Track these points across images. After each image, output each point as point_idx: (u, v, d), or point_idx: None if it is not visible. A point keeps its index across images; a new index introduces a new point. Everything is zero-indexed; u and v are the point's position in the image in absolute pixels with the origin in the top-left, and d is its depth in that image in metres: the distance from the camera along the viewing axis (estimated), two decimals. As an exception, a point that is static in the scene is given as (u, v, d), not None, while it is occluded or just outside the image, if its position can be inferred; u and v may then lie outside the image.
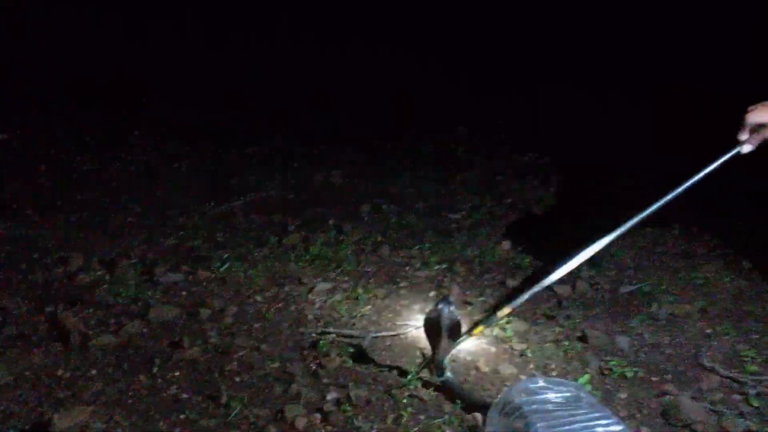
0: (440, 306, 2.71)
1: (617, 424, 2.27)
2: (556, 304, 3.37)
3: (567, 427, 2.26)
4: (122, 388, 2.70)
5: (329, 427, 2.51)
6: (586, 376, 2.78)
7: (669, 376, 2.84)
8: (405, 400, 2.63)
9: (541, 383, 2.47)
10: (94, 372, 2.79)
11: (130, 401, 2.64)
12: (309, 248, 3.78)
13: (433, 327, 2.73)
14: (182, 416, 2.56)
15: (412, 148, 5.36)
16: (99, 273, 3.49)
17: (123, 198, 4.47)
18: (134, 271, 3.52)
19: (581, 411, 2.34)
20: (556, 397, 2.41)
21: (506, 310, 2.86)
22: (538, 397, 2.41)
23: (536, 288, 2.86)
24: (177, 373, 2.80)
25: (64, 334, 3.00)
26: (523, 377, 2.79)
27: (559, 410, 2.35)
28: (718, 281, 3.55)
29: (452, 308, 2.71)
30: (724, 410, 2.62)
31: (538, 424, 2.25)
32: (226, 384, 2.72)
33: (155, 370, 2.81)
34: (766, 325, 3.17)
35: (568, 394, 2.43)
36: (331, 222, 4.12)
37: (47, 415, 2.53)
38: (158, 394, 2.68)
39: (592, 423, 2.27)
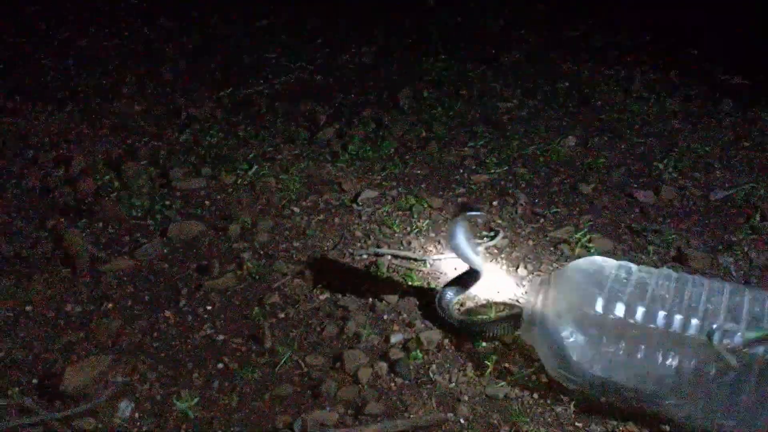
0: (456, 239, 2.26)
1: None
2: (640, 214, 2.89)
3: None
4: (145, 328, 2.27)
5: (398, 380, 2.09)
6: (698, 312, 2.33)
7: (790, 309, 2.40)
8: (485, 344, 2.20)
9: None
10: (109, 306, 2.35)
11: (155, 345, 2.21)
12: (347, 146, 3.26)
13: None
14: (220, 365, 2.13)
15: (447, 23, 4.68)
16: (106, 177, 2.98)
17: (125, 81, 3.86)
18: (147, 175, 3.00)
19: None
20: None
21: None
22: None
23: None
24: (209, 307, 2.35)
25: (71, 256, 2.53)
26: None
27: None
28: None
29: (465, 248, 2.27)
30: None
31: None
32: (269, 322, 2.28)
33: (182, 303, 2.36)
34: None
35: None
36: (367, 113, 3.56)
37: (57, 364, 2.10)
38: (189, 336, 2.24)
39: None
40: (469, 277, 2.34)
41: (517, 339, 2.18)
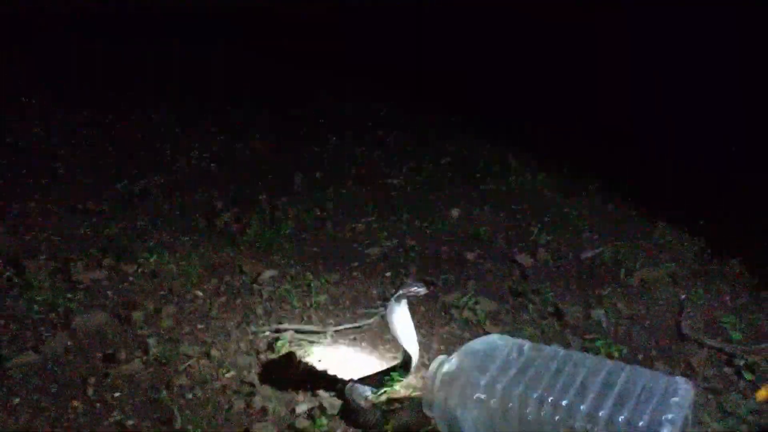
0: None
1: None
2: (520, 276, 3.15)
3: None
4: (54, 418, 2.31)
5: (306, 447, 2.21)
6: (574, 361, 2.57)
7: (654, 353, 2.68)
8: (385, 407, 2.35)
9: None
10: (17, 401, 2.38)
11: (65, 435, 2.25)
12: (244, 230, 3.41)
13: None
14: (131, 449, 2.20)
15: (332, 110, 4.97)
16: (6, 275, 3.01)
17: (19, 180, 3.90)
18: (47, 270, 3.05)
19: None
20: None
21: None
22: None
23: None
24: (117, 394, 2.42)
25: (-27, 356, 2.55)
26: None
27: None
28: (677, 241, 3.43)
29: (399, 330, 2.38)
30: (721, 388, 2.48)
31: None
32: (178, 403, 2.37)
33: (90, 392, 2.42)
34: (735, 286, 3.07)
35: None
36: (263, 197, 3.74)
37: (-34, 463, 2.12)
38: (99, 423, 2.30)
39: None
40: (385, 374, 2.45)
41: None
